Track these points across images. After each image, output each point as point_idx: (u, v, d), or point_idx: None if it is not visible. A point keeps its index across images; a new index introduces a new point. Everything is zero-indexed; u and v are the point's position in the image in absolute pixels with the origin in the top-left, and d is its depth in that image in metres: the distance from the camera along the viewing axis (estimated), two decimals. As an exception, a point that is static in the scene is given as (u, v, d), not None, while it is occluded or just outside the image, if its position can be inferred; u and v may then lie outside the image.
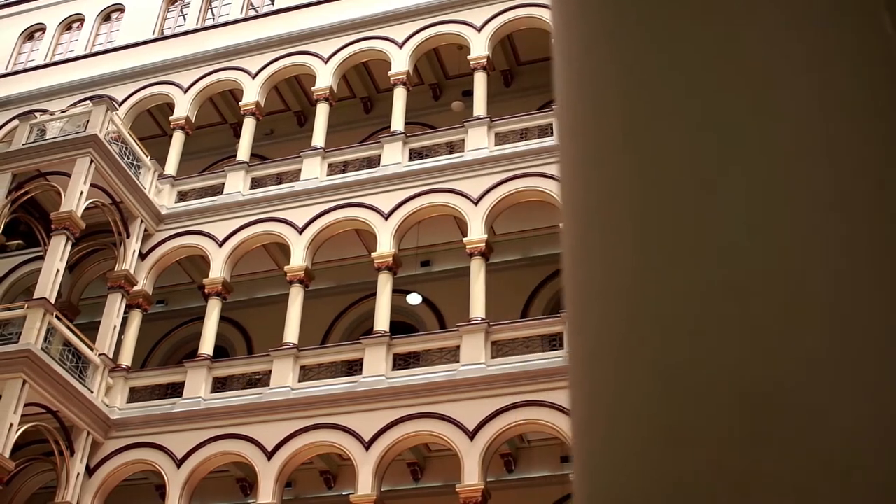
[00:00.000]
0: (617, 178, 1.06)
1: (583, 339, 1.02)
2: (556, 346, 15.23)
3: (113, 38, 23.79)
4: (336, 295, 20.37)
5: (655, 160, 1.03)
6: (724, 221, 0.96)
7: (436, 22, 20.01)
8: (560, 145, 1.22)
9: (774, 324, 0.90)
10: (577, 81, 1.17)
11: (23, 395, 15.24)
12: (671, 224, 0.98)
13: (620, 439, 0.90)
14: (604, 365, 0.97)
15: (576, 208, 1.11)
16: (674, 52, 1.07)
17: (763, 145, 0.98)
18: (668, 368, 0.92)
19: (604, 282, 1.01)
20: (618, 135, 1.08)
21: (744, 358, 0.89)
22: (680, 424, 0.88)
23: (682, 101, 1.04)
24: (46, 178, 18.25)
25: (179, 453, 16.26)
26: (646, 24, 1.10)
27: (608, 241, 1.03)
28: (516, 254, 19.46)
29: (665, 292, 0.95)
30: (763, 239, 0.94)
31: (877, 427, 0.86)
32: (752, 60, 1.02)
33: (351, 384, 15.96)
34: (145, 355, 20.80)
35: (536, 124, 17.85)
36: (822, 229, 0.94)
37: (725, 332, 0.91)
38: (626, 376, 0.93)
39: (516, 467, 17.33)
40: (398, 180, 17.92)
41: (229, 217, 18.91)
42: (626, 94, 1.10)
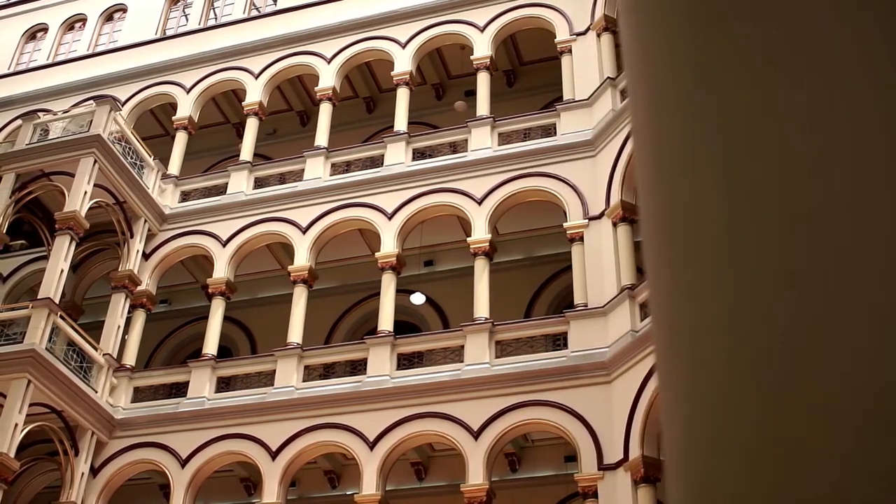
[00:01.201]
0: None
1: (682, 341, 0.98)
2: (560, 346, 15.25)
3: (115, 38, 23.81)
4: (339, 295, 20.39)
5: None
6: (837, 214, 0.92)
7: (439, 22, 20.02)
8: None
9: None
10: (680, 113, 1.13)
11: (27, 394, 15.26)
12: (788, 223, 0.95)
13: (731, 455, 0.87)
14: (711, 370, 0.93)
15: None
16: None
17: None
18: (783, 378, 0.87)
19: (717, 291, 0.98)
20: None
21: (871, 370, 0.84)
22: (798, 441, 0.82)
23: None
24: (50, 179, 18.26)
25: (184, 453, 16.28)
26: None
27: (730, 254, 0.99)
28: (519, 253, 19.48)
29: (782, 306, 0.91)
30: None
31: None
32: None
33: (355, 384, 15.98)
34: (148, 355, 20.83)
35: (540, 124, 17.86)
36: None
37: (851, 339, 0.86)
38: (739, 386, 0.89)
39: (520, 467, 17.36)
40: (402, 180, 17.94)
41: (233, 217, 18.92)
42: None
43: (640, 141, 1.20)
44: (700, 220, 1.02)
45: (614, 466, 13.71)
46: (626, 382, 14.12)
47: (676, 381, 1.00)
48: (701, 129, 1.05)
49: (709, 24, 1.06)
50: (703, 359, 0.96)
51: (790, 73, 1.00)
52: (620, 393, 14.15)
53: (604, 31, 17.85)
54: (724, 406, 0.92)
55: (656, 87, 1.13)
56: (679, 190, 1.06)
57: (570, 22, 18.63)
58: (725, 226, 1.00)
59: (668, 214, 1.07)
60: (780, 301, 0.93)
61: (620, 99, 16.67)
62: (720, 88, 1.04)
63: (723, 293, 0.97)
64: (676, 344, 1.01)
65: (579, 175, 16.63)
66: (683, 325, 1.01)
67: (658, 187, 1.11)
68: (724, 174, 1.02)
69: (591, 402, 14.36)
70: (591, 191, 16.32)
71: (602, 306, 15.06)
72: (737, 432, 0.89)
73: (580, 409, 14.36)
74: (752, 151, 1.00)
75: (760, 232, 0.97)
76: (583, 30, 18.38)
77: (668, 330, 1.04)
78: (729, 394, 0.92)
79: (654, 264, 1.11)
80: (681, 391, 0.97)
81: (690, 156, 1.06)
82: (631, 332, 14.32)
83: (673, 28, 1.11)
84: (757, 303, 0.94)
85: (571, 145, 17.02)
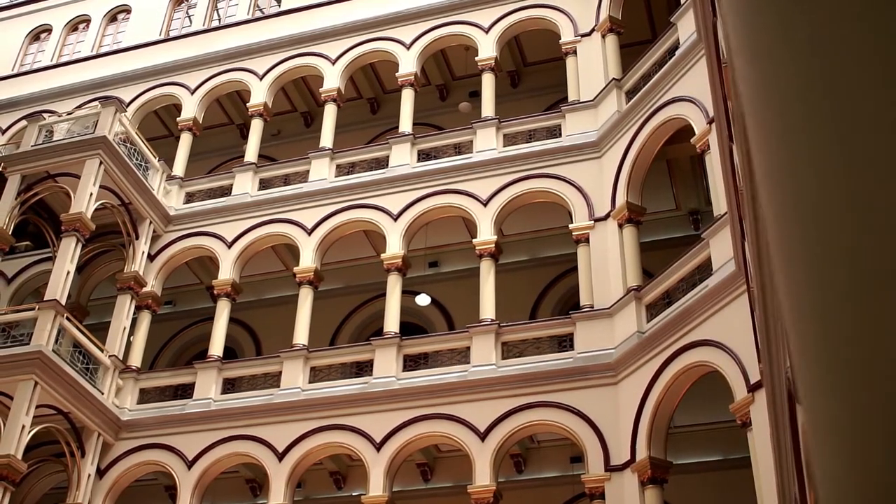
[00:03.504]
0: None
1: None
2: (567, 347, 15.27)
3: (119, 38, 23.82)
4: (344, 296, 20.42)
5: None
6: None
7: (443, 23, 20.04)
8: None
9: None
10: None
11: (34, 396, 15.28)
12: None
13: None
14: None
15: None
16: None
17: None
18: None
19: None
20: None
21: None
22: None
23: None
24: (55, 180, 18.27)
25: (190, 454, 16.30)
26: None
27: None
28: (524, 254, 19.52)
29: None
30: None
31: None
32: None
33: (362, 385, 16.00)
34: (153, 356, 20.85)
35: (545, 125, 17.88)
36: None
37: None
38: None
39: (526, 468, 17.39)
40: (407, 181, 17.95)
41: (238, 218, 18.93)
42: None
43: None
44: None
45: (621, 467, 13.73)
46: (632, 383, 14.15)
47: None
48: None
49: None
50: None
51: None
52: (627, 394, 14.17)
53: (609, 32, 17.86)
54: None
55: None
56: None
57: (575, 23, 18.65)
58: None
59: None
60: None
61: (626, 100, 16.68)
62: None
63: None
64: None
65: (585, 176, 16.65)
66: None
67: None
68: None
69: (598, 404, 14.38)
70: (597, 192, 16.34)
71: (608, 307, 15.08)
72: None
73: (587, 411, 14.38)
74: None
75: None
76: (588, 31, 18.39)
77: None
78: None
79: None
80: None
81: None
82: (637, 333, 14.34)
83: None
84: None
85: (577, 146, 17.04)
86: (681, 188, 18.76)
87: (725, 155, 10.48)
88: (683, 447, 15.48)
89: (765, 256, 5.46)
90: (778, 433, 7.22)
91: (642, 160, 15.77)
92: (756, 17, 1.25)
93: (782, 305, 1.29)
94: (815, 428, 1.24)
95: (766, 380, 7.02)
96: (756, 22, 1.25)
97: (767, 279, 5.53)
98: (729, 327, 12.63)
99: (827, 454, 1.18)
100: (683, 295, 13.83)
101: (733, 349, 12.47)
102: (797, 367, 1.34)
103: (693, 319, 13.33)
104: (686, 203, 18.90)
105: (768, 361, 6.54)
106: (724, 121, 9.61)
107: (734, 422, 12.44)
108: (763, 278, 5.70)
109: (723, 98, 9.04)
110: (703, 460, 15.91)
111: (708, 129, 14.00)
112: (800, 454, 5.77)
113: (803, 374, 1.27)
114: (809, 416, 1.34)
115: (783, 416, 6.51)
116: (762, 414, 11.29)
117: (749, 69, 1.30)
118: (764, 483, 11.24)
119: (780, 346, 6.01)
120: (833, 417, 1.13)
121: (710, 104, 13.22)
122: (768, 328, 6.15)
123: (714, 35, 8.92)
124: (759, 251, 4.19)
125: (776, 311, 5.57)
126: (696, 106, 14.52)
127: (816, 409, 1.24)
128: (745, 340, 11.94)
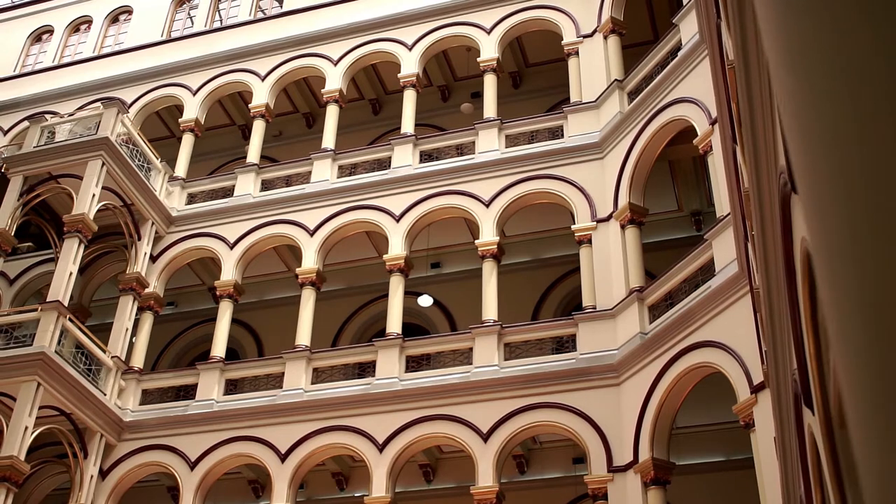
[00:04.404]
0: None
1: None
2: (569, 348, 15.28)
3: (121, 39, 23.83)
4: (346, 297, 20.44)
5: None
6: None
7: (445, 24, 20.05)
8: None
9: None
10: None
11: (37, 397, 15.28)
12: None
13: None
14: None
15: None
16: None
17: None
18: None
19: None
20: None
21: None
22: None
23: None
24: (57, 181, 18.28)
25: (193, 455, 16.30)
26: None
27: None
28: (527, 255, 19.53)
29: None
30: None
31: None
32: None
33: (364, 386, 16.01)
34: (156, 357, 20.86)
35: (547, 126, 17.88)
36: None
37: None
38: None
39: (529, 468, 17.40)
40: (409, 182, 17.96)
41: (240, 219, 18.93)
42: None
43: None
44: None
45: (624, 468, 13.74)
46: (635, 384, 14.16)
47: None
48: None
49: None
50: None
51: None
52: (630, 395, 14.18)
53: (611, 33, 17.86)
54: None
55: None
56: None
57: (577, 24, 18.66)
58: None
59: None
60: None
61: (628, 101, 16.69)
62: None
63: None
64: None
65: (587, 177, 16.66)
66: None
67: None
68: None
69: (601, 405, 14.39)
70: (599, 193, 16.35)
71: (610, 309, 15.09)
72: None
73: (590, 412, 14.39)
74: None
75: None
76: (589, 32, 18.40)
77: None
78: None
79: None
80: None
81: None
82: (640, 334, 14.35)
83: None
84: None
85: (579, 147, 17.05)
86: (683, 189, 18.78)
87: (729, 156, 10.48)
88: (686, 448, 15.49)
89: (773, 264, 5.46)
90: (783, 435, 7.23)
91: (644, 161, 15.78)
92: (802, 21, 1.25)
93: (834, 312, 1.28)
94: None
95: (772, 381, 7.03)
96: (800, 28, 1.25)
97: (774, 280, 5.54)
98: (732, 328, 12.64)
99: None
100: (686, 296, 13.84)
101: (736, 350, 12.47)
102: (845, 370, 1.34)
103: (696, 321, 13.34)
104: (688, 204, 18.92)
105: (774, 363, 6.54)
106: (728, 122, 9.62)
107: (737, 423, 12.44)
108: (769, 279, 5.71)
109: (726, 99, 9.04)
110: (705, 461, 15.92)
111: (710, 131, 14.01)
112: (806, 455, 5.78)
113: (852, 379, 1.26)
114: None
115: (789, 418, 6.51)
116: (765, 415, 11.30)
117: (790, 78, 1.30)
118: (767, 484, 11.25)
119: (786, 348, 6.02)
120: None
121: (713, 105, 13.25)
122: (774, 329, 6.16)
123: (718, 37, 8.93)
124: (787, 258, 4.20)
125: (782, 312, 5.58)
126: (699, 107, 14.53)
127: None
128: (748, 342, 11.96)
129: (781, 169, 3.94)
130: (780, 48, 1.33)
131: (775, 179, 4.46)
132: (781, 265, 4.80)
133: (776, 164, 4.39)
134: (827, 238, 1.21)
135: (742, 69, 4.50)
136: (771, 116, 4.21)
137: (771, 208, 4.91)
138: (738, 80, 4.82)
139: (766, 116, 4.38)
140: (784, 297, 5.12)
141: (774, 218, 4.78)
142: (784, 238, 4.44)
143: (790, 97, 1.34)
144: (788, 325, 5.28)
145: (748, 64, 4.42)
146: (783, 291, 5.10)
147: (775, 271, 5.37)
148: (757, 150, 4.87)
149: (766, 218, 5.20)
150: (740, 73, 4.62)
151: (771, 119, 4.24)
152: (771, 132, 4.36)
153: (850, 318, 1.10)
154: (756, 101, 4.55)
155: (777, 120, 3.85)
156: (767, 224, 5.24)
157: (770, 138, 4.43)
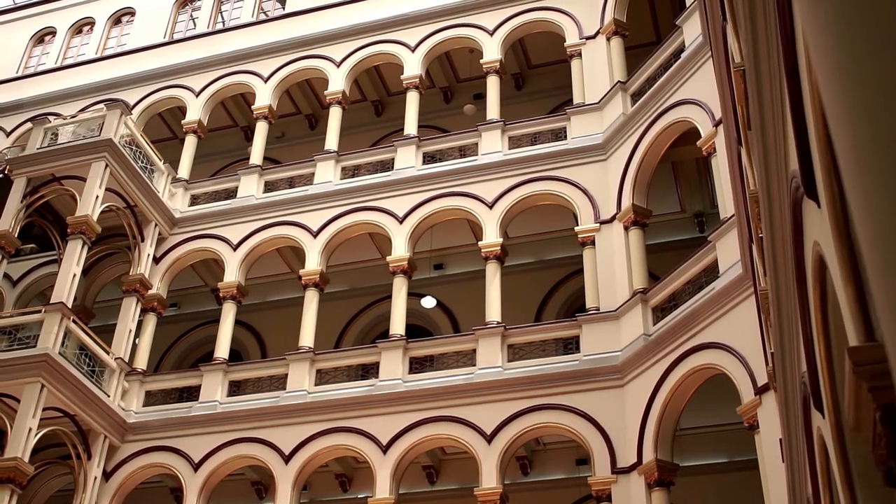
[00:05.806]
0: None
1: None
2: (573, 350, 15.30)
3: (124, 41, 23.86)
4: (349, 298, 20.45)
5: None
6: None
7: (448, 25, 20.07)
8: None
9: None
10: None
11: (41, 399, 15.30)
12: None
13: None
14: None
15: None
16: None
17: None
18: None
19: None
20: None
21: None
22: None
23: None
24: (61, 183, 18.29)
25: (196, 457, 16.32)
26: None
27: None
28: (530, 257, 19.55)
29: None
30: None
31: None
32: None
33: (368, 387, 16.02)
34: (159, 359, 20.88)
35: (550, 128, 17.90)
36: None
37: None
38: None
39: (532, 470, 17.41)
40: (412, 184, 17.97)
41: (243, 221, 18.95)
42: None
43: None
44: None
45: (628, 470, 13.75)
46: (639, 386, 14.17)
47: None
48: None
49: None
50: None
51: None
52: (633, 396, 14.19)
53: (613, 34, 17.88)
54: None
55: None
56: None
57: (580, 26, 18.68)
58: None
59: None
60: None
61: (631, 103, 16.70)
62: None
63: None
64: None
65: (590, 179, 16.67)
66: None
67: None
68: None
69: (604, 406, 14.41)
70: (602, 194, 16.36)
71: (614, 310, 15.10)
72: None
73: (593, 413, 14.40)
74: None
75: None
76: (592, 33, 18.42)
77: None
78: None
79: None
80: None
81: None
82: (644, 335, 14.36)
83: None
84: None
85: (582, 149, 17.07)
86: (686, 191, 18.80)
87: (733, 158, 10.50)
88: (690, 449, 15.51)
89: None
90: (790, 436, 7.24)
91: (648, 163, 15.80)
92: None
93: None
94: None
95: (779, 383, 7.04)
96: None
97: (783, 283, 5.55)
98: (736, 330, 12.65)
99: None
100: (690, 297, 13.85)
101: (740, 352, 12.49)
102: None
103: (699, 322, 13.35)
104: (691, 205, 18.93)
105: (781, 365, 6.55)
106: (733, 123, 9.64)
107: (741, 424, 12.45)
108: (778, 282, 5.72)
109: (731, 100, 9.06)
110: (709, 462, 15.93)
111: (714, 132, 14.02)
112: (814, 456, 5.79)
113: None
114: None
115: (796, 420, 6.53)
116: (770, 416, 11.32)
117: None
118: (771, 485, 11.26)
119: (794, 349, 6.03)
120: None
121: (716, 107, 13.27)
122: (782, 331, 6.17)
123: (723, 38, 8.94)
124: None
125: (791, 314, 5.59)
126: (702, 109, 14.55)
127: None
128: (753, 343, 11.97)
129: (794, 173, 3.95)
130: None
131: (786, 183, 4.47)
132: (791, 268, 4.81)
133: (787, 167, 4.41)
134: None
135: (753, 73, 4.51)
136: (782, 120, 4.23)
137: (781, 211, 4.93)
138: (749, 84, 4.84)
139: (777, 120, 4.39)
140: (794, 300, 5.13)
141: (785, 221, 4.79)
142: (795, 241, 4.45)
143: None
144: (798, 328, 5.29)
145: (759, 68, 4.44)
146: (793, 294, 5.11)
147: (784, 274, 5.38)
148: (767, 153, 4.88)
149: (776, 221, 5.21)
150: (751, 77, 4.63)
151: (782, 123, 4.25)
152: (782, 136, 4.37)
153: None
154: (766, 105, 4.56)
155: (789, 123, 3.86)
156: (777, 227, 5.26)
157: (781, 142, 4.45)
